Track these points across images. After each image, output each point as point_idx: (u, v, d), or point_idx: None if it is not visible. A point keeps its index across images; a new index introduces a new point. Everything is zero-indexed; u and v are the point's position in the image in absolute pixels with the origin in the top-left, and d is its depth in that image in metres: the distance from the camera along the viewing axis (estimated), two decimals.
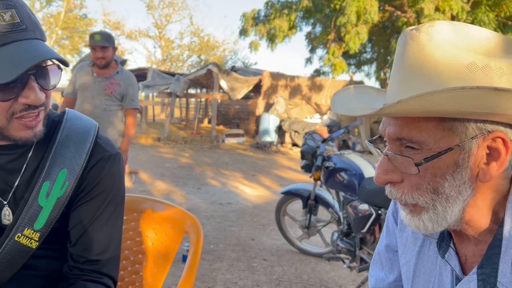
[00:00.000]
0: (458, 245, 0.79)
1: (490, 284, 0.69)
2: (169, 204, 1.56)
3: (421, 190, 0.69)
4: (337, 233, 3.33)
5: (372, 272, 1.06)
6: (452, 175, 0.66)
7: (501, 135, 0.65)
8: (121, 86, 3.49)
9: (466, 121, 0.65)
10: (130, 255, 1.58)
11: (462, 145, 0.65)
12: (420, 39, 0.65)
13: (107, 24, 32.53)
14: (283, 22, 12.94)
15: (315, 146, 3.50)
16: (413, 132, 0.66)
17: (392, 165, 0.71)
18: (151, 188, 6.58)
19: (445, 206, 0.68)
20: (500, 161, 0.66)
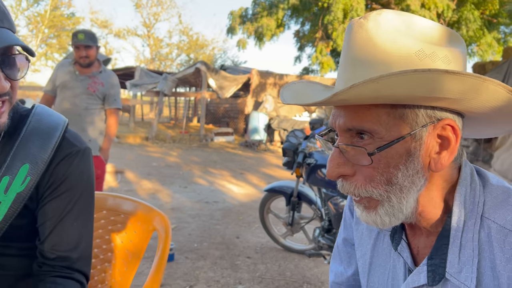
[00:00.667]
0: (411, 237, 0.80)
1: (439, 275, 0.70)
2: (139, 201, 1.55)
3: (374, 182, 0.68)
4: (318, 230, 3.33)
5: (331, 267, 1.06)
6: (405, 165, 0.66)
7: (450, 122, 0.66)
8: (104, 85, 3.45)
9: (416, 108, 0.65)
10: (100, 253, 1.56)
11: (414, 133, 0.65)
12: (369, 28, 0.65)
13: (94, 23, 32.28)
14: (271, 20, 12.95)
15: (297, 143, 3.51)
16: (364, 121, 0.65)
17: (344, 158, 0.69)
18: (136, 187, 6.53)
19: (399, 197, 0.68)
20: (450, 149, 0.67)
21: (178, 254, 3.72)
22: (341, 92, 0.60)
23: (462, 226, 0.69)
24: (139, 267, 3.25)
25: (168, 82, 13.85)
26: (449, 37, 0.68)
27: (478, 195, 0.70)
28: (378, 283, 0.86)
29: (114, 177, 7.06)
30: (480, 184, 0.72)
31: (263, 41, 13.83)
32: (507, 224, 0.65)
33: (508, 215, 0.66)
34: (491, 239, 0.66)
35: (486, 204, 0.69)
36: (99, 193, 1.64)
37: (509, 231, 0.65)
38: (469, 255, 0.67)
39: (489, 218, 0.68)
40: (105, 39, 33.68)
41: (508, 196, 0.69)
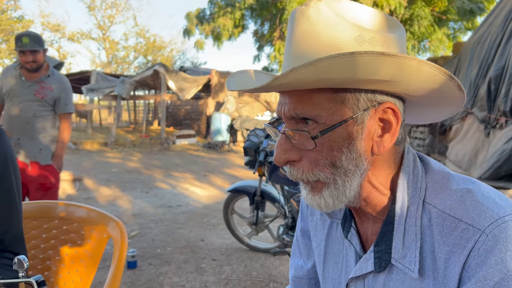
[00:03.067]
0: (359, 224, 0.81)
1: (385, 261, 0.72)
2: (92, 208, 1.47)
3: (319, 165, 0.68)
4: (282, 227, 3.33)
5: (291, 262, 1.05)
6: (348, 148, 0.67)
7: (391, 105, 0.68)
8: (53, 90, 3.27)
9: (357, 92, 0.66)
10: (52, 265, 1.48)
11: (356, 117, 0.66)
12: (310, 14, 0.66)
13: (46, 26, 31.05)
14: (227, 20, 12.91)
15: (258, 142, 3.49)
16: (307, 107, 0.66)
17: (290, 144, 0.70)
18: (96, 194, 6.32)
19: (344, 180, 0.69)
20: (392, 132, 0.69)
21: (141, 261, 3.62)
22: (281, 76, 0.60)
23: (406, 212, 0.70)
24: (99, 276, 3.13)
25: (126, 85, 13.51)
26: (388, 23, 0.70)
27: (420, 181, 0.72)
28: (332, 272, 0.87)
29: (72, 185, 6.81)
30: (422, 170, 0.73)
31: (221, 41, 13.77)
32: (446, 209, 0.67)
33: (447, 200, 0.68)
34: (431, 223, 0.68)
35: (428, 190, 0.71)
36: (50, 201, 1.55)
37: (447, 215, 0.67)
38: (412, 239, 0.69)
39: (430, 203, 0.70)
40: (58, 43, 32.53)
41: (447, 181, 0.71)
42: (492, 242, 0.61)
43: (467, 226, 0.64)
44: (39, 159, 3.19)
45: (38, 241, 1.50)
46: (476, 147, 8.14)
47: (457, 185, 0.70)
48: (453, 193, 0.69)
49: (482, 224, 0.63)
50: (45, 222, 1.50)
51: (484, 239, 0.62)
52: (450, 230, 0.66)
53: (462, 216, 0.65)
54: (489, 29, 8.63)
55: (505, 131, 6.62)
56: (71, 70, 32.07)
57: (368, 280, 0.76)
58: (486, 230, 0.62)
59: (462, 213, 0.65)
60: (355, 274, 0.77)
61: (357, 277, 0.77)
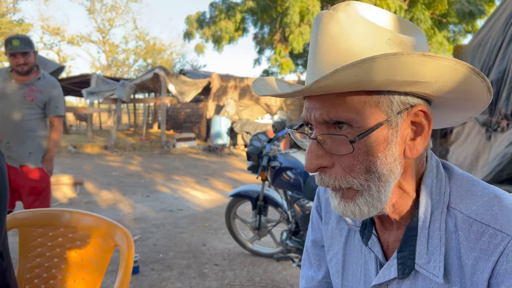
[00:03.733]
0: (380, 231, 0.80)
1: (408, 267, 0.71)
2: (98, 216, 1.46)
3: (354, 171, 0.67)
4: (286, 233, 3.32)
5: (302, 273, 1.04)
6: (384, 152, 0.66)
7: (423, 108, 0.68)
8: (43, 92, 3.25)
9: (391, 94, 0.65)
10: (58, 273, 1.47)
11: (390, 120, 0.66)
12: (340, 19, 0.66)
13: (46, 30, 31.07)
14: (229, 23, 12.92)
15: (260, 146, 3.48)
16: (342, 111, 0.65)
17: (322, 149, 0.68)
18: (96, 198, 6.30)
19: (378, 186, 0.67)
20: (424, 134, 0.69)
21: (143, 266, 3.60)
22: (323, 79, 0.59)
23: (430, 217, 0.70)
24: (105, 282, 3.12)
25: (126, 88, 13.51)
26: (411, 27, 0.71)
27: (444, 186, 0.71)
28: (352, 281, 0.86)
29: (73, 189, 6.79)
30: (445, 175, 0.73)
31: (222, 45, 13.78)
32: (472, 214, 0.67)
33: (473, 205, 0.67)
34: (457, 228, 0.67)
35: (452, 195, 0.70)
36: (55, 209, 1.54)
37: (474, 220, 0.66)
38: (436, 244, 0.68)
39: (455, 208, 0.69)
40: (58, 46, 32.48)
41: (472, 185, 0.70)
42: None
43: (495, 232, 0.63)
44: (28, 163, 3.18)
45: (43, 249, 1.49)
46: (477, 151, 8.13)
47: (483, 190, 0.69)
48: (479, 198, 0.68)
49: (511, 229, 0.62)
50: (50, 230, 1.49)
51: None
52: (477, 235, 0.65)
53: (490, 221, 0.65)
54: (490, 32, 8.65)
55: (507, 135, 6.62)
56: (71, 73, 32.13)
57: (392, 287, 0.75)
58: None
59: (490, 218, 0.65)
60: (378, 282, 0.75)
61: (379, 284, 0.76)
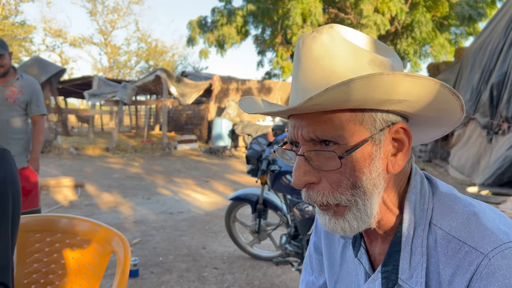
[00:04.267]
0: (368, 244, 0.82)
1: (392, 282, 0.72)
2: (95, 222, 1.47)
3: (341, 187, 0.69)
4: (285, 237, 3.32)
5: (302, 277, 1.05)
6: (369, 168, 0.68)
7: (403, 125, 0.71)
8: (24, 93, 3.24)
9: (373, 112, 0.69)
10: (55, 279, 1.47)
11: (374, 137, 0.68)
12: (323, 40, 0.69)
13: (48, 32, 31.17)
14: (231, 28, 12.94)
15: (260, 150, 3.48)
16: (329, 129, 0.67)
17: (309, 166, 0.70)
18: (97, 201, 6.31)
19: (364, 200, 0.69)
20: (404, 150, 0.72)
21: (143, 269, 3.60)
22: (316, 97, 0.62)
23: (413, 233, 0.71)
24: (103, 286, 3.12)
25: (128, 90, 13.54)
26: (386, 49, 0.75)
27: (427, 202, 0.73)
28: None
29: (74, 191, 6.80)
30: (429, 191, 0.75)
31: (225, 49, 13.80)
32: (452, 231, 0.68)
33: (453, 222, 0.69)
34: (437, 244, 0.69)
35: (434, 211, 0.72)
36: (53, 215, 1.55)
37: (452, 237, 0.68)
38: (418, 260, 0.70)
39: (436, 224, 0.70)
40: (60, 48, 32.63)
41: (454, 203, 0.72)
42: (494, 267, 0.62)
43: (470, 249, 0.65)
44: None
45: (40, 254, 1.49)
46: (479, 153, 8.12)
47: (464, 207, 0.71)
48: (459, 216, 0.70)
49: (485, 248, 0.64)
50: (48, 235, 1.50)
51: (486, 263, 0.63)
52: (454, 252, 0.67)
53: (466, 239, 0.66)
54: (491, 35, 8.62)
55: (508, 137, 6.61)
56: (73, 75, 32.18)
57: None
58: (489, 254, 0.63)
59: (466, 236, 0.66)
60: None
61: None
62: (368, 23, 10.63)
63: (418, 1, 12.56)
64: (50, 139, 13.00)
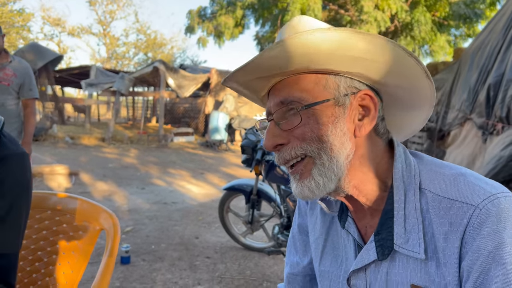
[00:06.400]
0: (357, 219, 0.83)
1: (387, 248, 0.74)
2: (84, 199, 1.46)
3: (306, 139, 0.73)
4: (277, 227, 3.32)
5: (286, 259, 1.05)
6: (333, 124, 0.72)
7: (368, 92, 0.75)
8: (18, 76, 3.20)
9: (337, 77, 0.74)
10: (44, 256, 1.46)
11: (337, 98, 0.73)
12: (293, 23, 0.78)
13: (46, 20, 30.97)
14: (229, 19, 12.90)
15: (255, 140, 3.47)
16: (293, 90, 0.74)
17: (278, 129, 0.75)
18: (91, 189, 6.29)
19: (330, 156, 0.72)
20: (370, 116, 0.75)
21: (135, 256, 3.60)
22: (270, 48, 0.67)
23: (404, 198, 0.74)
24: (93, 271, 3.11)
25: (125, 81, 13.48)
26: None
27: (414, 169, 0.76)
28: (330, 266, 0.88)
29: (68, 179, 6.78)
30: (413, 160, 0.78)
31: (223, 40, 13.75)
32: (441, 192, 0.71)
33: (442, 184, 0.72)
34: (428, 207, 0.72)
35: (422, 176, 0.75)
36: (43, 192, 1.53)
37: (443, 198, 0.70)
38: (413, 223, 0.72)
39: (426, 188, 0.73)
40: (58, 37, 32.41)
41: (441, 167, 0.76)
42: (485, 215, 0.65)
43: (461, 205, 0.68)
44: None
45: (30, 231, 1.48)
46: (474, 153, 8.14)
47: (450, 169, 0.74)
48: (447, 178, 0.73)
49: (475, 200, 0.67)
50: (37, 212, 1.49)
51: (478, 213, 0.65)
52: (446, 210, 0.69)
53: (456, 196, 0.69)
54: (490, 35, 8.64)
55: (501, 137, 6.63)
56: (70, 65, 32.00)
57: (370, 271, 0.77)
58: (479, 205, 0.66)
59: (456, 194, 0.69)
60: (357, 266, 0.78)
61: (358, 269, 0.78)
62: (368, 19, 10.61)
63: (418, 0, 12.55)
64: (46, 127, 12.94)
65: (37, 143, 11.59)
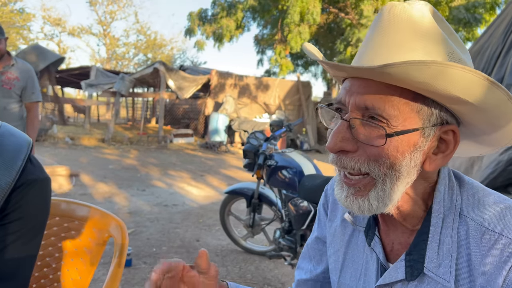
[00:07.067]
0: (384, 234, 0.82)
1: (417, 270, 0.72)
2: (94, 207, 1.48)
3: (378, 162, 0.68)
4: (279, 231, 3.35)
5: (300, 265, 1.05)
6: (410, 155, 0.68)
7: (455, 128, 0.70)
8: (20, 79, 3.18)
9: (433, 107, 0.68)
10: (52, 262, 1.49)
11: (425, 128, 0.68)
12: (413, 14, 0.68)
13: (47, 20, 30.98)
14: (230, 21, 12.93)
15: (257, 144, 3.50)
16: (387, 105, 0.66)
17: (350, 133, 0.69)
18: (92, 191, 6.31)
19: (393, 184, 0.69)
20: (447, 153, 0.71)
21: (136, 259, 3.62)
22: (392, 65, 0.60)
23: (441, 223, 0.72)
24: (96, 274, 3.14)
25: (125, 82, 13.49)
26: (463, 46, 0.73)
27: (456, 194, 0.73)
28: (350, 279, 0.87)
29: (68, 180, 6.79)
30: (456, 184, 0.75)
31: (222, 42, 13.78)
32: (484, 223, 0.69)
33: (485, 214, 0.69)
34: (468, 235, 0.69)
35: (464, 203, 0.73)
36: (52, 198, 1.56)
37: (486, 229, 0.68)
38: (447, 250, 0.70)
39: (467, 216, 0.71)
40: (59, 37, 32.44)
41: (484, 195, 0.73)
42: None
43: (509, 241, 0.65)
44: None
45: None
46: (472, 157, 8.17)
47: (495, 199, 0.72)
48: (491, 208, 0.70)
49: None
50: None
51: None
52: (490, 244, 0.67)
53: (502, 231, 0.67)
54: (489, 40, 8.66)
55: None
56: (70, 65, 32.02)
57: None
58: None
59: (503, 228, 0.67)
60: (383, 282, 0.77)
61: (384, 284, 0.77)
62: (368, 23, 10.66)
63: None
64: (46, 127, 12.95)
65: (37, 144, 11.60)
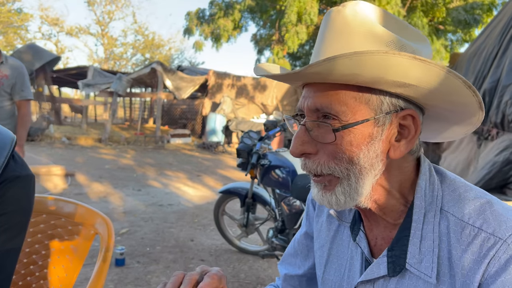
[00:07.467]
0: (368, 229, 0.82)
1: (399, 266, 0.72)
2: (79, 203, 1.47)
3: (337, 159, 0.69)
4: (272, 230, 3.34)
5: (286, 259, 1.05)
6: (367, 146, 0.69)
7: (412, 112, 0.71)
8: (9, 77, 3.15)
9: (382, 94, 0.68)
10: (38, 259, 1.48)
11: (377, 118, 0.68)
12: (346, 15, 0.69)
13: (45, 20, 30.93)
14: (228, 21, 12.93)
15: (251, 144, 3.50)
16: (333, 102, 0.68)
17: (308, 136, 0.71)
18: (87, 190, 6.29)
19: (358, 178, 0.70)
20: (409, 138, 0.71)
21: (130, 258, 3.61)
22: (314, 64, 0.62)
23: (423, 218, 0.71)
24: (86, 273, 3.12)
25: (123, 82, 13.48)
26: (418, 37, 0.73)
27: (437, 189, 0.73)
28: (334, 275, 0.87)
29: (64, 180, 6.78)
30: (437, 179, 0.75)
31: (220, 43, 13.79)
32: (465, 217, 0.69)
33: (466, 209, 0.70)
34: (449, 231, 0.69)
35: (445, 198, 0.73)
36: (39, 195, 1.55)
37: (466, 224, 0.68)
38: (429, 246, 0.70)
39: (448, 211, 0.71)
40: (56, 37, 32.38)
41: (465, 191, 0.73)
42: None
43: (488, 235, 0.65)
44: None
45: None
46: (469, 158, 8.18)
47: (475, 195, 0.72)
48: (472, 203, 0.70)
49: (503, 233, 0.65)
50: (32, 216, 1.50)
51: (505, 248, 0.63)
52: (470, 238, 0.67)
53: (482, 226, 0.67)
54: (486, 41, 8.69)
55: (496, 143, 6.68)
56: (68, 65, 31.97)
57: (378, 285, 0.76)
58: (507, 239, 0.64)
59: (482, 223, 0.67)
60: (366, 278, 0.77)
61: (366, 280, 0.78)
62: None
63: (415, 5, 12.64)
64: (43, 127, 12.92)
65: (33, 143, 11.57)
